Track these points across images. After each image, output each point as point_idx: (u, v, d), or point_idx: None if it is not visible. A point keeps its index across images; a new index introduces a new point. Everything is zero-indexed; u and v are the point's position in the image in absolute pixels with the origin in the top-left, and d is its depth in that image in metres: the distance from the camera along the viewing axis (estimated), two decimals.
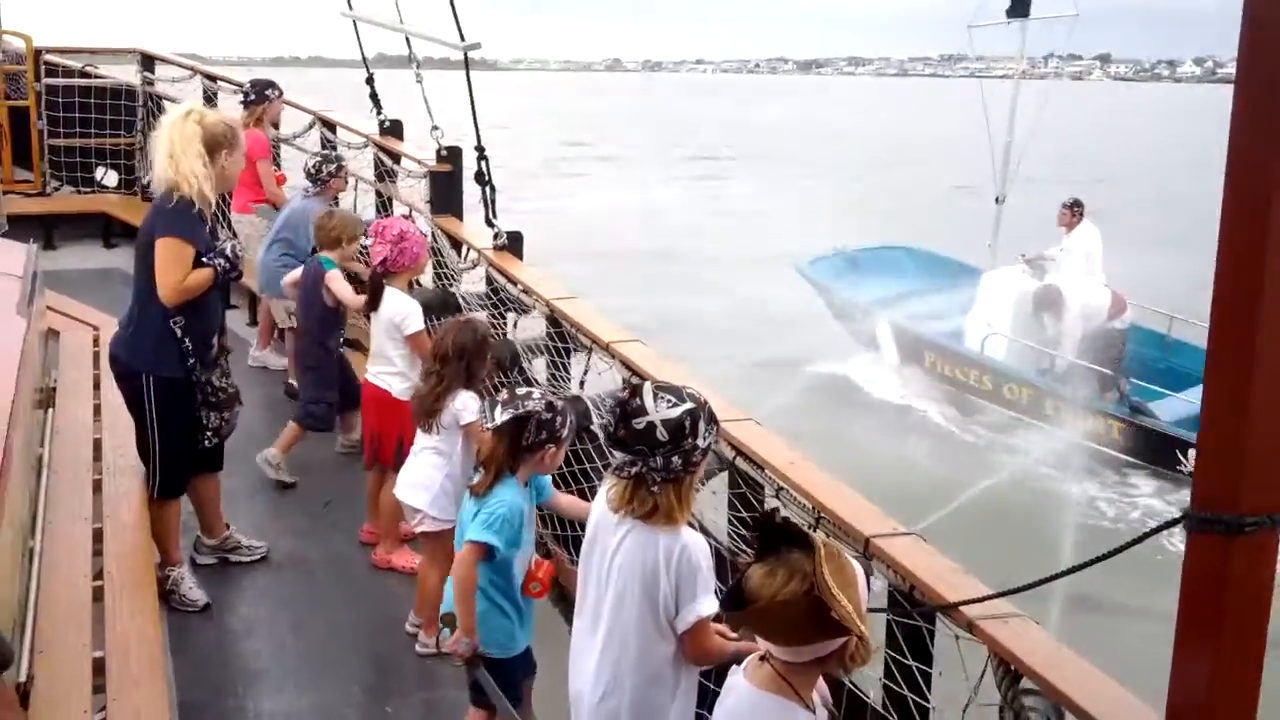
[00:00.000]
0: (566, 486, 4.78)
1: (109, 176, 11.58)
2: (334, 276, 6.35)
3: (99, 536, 4.54)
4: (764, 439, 4.27)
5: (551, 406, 3.89)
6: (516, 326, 6.47)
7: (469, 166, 7.46)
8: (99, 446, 5.31)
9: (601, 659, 3.23)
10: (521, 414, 3.82)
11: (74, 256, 10.31)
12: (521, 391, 3.95)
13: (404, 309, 5.70)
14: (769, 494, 4.08)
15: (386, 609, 5.24)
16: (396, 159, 8.50)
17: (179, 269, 4.72)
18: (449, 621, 3.76)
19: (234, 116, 6.83)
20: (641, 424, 3.02)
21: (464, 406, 4.83)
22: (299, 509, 6.23)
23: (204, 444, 5.02)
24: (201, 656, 4.82)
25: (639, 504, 3.11)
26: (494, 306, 6.70)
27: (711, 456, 3.56)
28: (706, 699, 3.20)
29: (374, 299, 5.73)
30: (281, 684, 4.68)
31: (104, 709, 3.56)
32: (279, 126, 9.12)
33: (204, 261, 4.78)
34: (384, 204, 8.71)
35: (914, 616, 3.28)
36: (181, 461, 5.01)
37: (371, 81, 8.82)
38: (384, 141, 8.69)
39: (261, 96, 8.16)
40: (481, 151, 7.00)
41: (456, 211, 7.91)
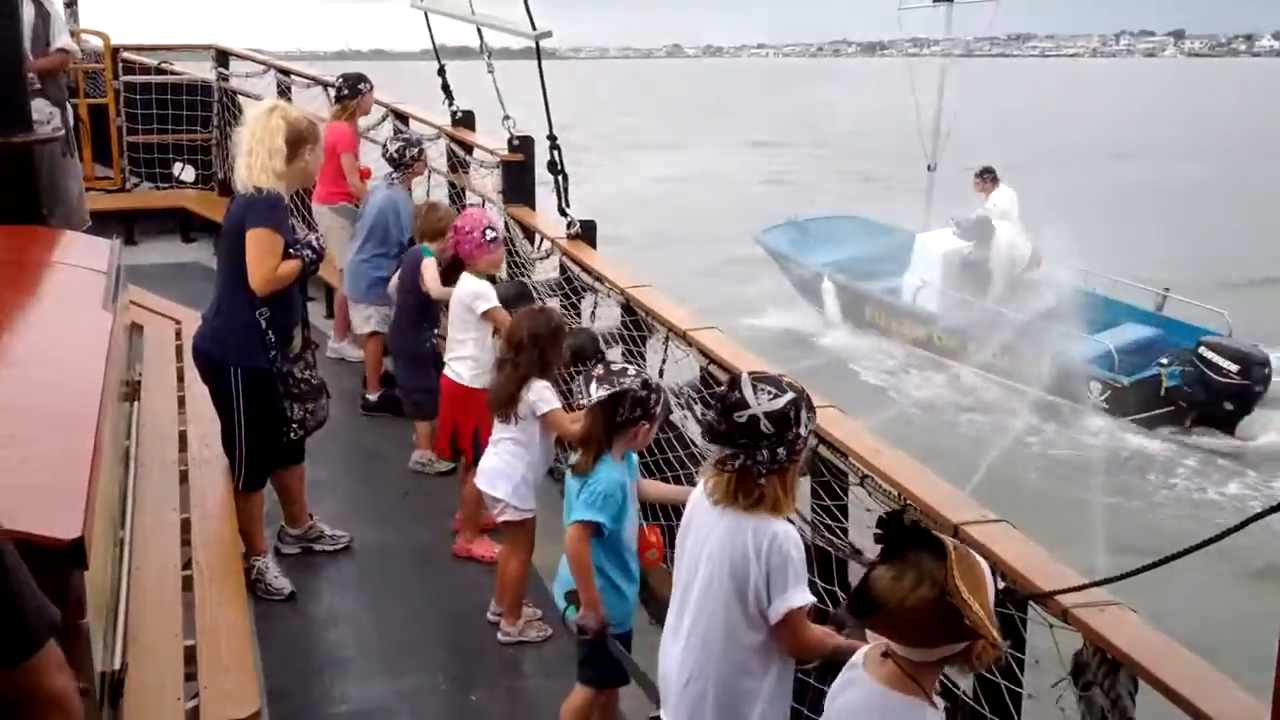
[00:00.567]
0: (646, 475, 4.75)
1: (186, 172, 11.73)
2: (429, 265, 6.38)
3: (186, 527, 4.58)
4: (846, 425, 4.19)
5: (646, 384, 3.95)
6: (595, 317, 6.45)
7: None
8: (184, 439, 5.36)
9: (688, 644, 3.21)
10: (617, 390, 3.86)
11: (154, 251, 10.43)
12: (617, 368, 3.99)
13: (476, 289, 5.74)
14: (853, 482, 4.01)
15: (468, 598, 5.26)
16: (469, 149, 8.51)
17: (272, 259, 4.77)
18: (573, 599, 3.86)
19: (314, 112, 6.90)
20: (744, 417, 2.98)
21: (539, 397, 4.84)
22: (379, 499, 6.28)
23: (289, 436, 5.06)
24: (288, 645, 4.87)
25: (744, 496, 3.06)
26: (565, 296, 6.70)
27: None
28: (806, 694, 3.16)
29: (450, 281, 5.82)
30: (367, 672, 4.72)
31: (196, 696, 3.60)
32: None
33: (291, 253, 4.83)
34: (457, 194, 8.75)
35: (1007, 605, 3.21)
36: (266, 454, 5.06)
37: (443, 73, 8.85)
38: (456, 132, 8.71)
39: (355, 91, 8.21)
40: (554, 140, 6.98)
41: (529, 201, 7.91)
